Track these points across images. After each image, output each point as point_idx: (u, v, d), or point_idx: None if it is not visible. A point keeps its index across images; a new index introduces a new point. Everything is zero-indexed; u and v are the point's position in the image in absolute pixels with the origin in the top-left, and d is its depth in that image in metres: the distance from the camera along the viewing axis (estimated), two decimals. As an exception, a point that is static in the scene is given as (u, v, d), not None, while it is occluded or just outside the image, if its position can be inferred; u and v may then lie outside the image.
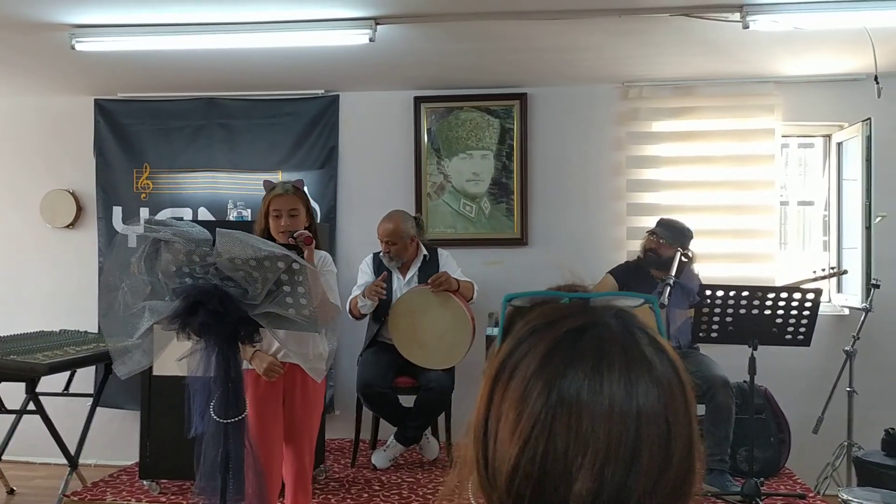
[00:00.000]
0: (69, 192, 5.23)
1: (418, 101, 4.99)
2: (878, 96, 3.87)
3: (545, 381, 0.71)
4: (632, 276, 4.37)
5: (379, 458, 4.34)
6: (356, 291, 4.34)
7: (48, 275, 5.27)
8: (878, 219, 4.39)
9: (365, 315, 4.33)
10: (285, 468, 3.10)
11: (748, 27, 3.49)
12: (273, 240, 2.98)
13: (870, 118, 4.35)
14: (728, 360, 4.13)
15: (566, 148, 4.95)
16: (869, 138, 4.35)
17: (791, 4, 3.43)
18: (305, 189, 3.23)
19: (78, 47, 3.84)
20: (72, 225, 5.25)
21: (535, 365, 0.72)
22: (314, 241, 2.97)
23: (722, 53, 4.21)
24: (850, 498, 3.40)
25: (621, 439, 0.68)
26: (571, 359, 0.71)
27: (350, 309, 4.31)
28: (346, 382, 4.87)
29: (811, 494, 3.99)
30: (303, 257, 2.68)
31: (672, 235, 4.22)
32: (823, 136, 4.95)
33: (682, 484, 0.71)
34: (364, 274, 4.42)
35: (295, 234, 2.93)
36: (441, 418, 4.43)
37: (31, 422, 4.15)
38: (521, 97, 4.94)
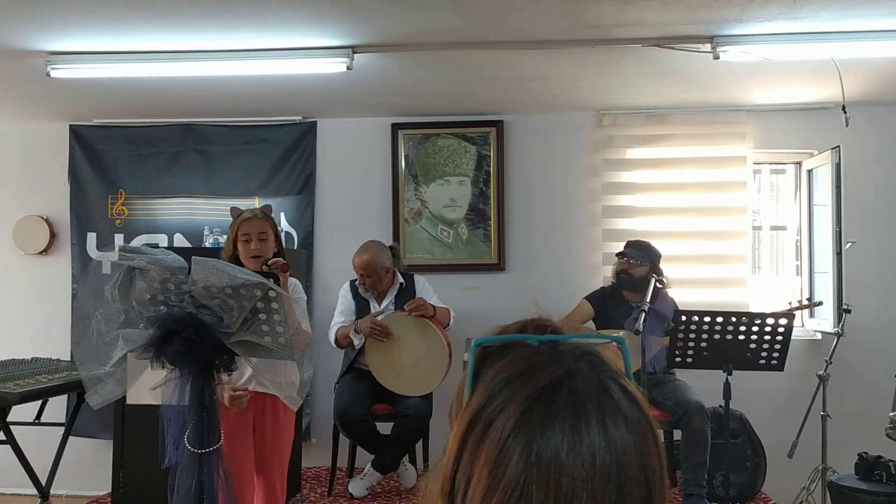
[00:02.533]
0: (43, 218, 5.18)
1: (396, 127, 5.02)
2: (846, 125, 3.96)
3: (523, 444, 0.68)
4: (608, 301, 4.41)
5: (356, 487, 4.30)
6: (339, 317, 4.33)
7: (20, 302, 5.20)
8: (849, 245, 4.47)
9: (357, 346, 4.28)
10: (257, 498, 3.07)
11: (719, 58, 3.56)
12: (241, 265, 2.97)
13: (839, 146, 4.44)
14: (703, 385, 4.16)
15: (542, 174, 4.99)
16: (838, 166, 4.43)
17: (760, 36, 3.51)
18: (273, 215, 3.22)
19: (53, 74, 3.82)
20: (45, 251, 5.19)
21: (510, 424, 0.70)
22: (287, 268, 2.96)
23: (694, 83, 4.29)
24: (824, 522, 3.42)
25: (604, 500, 0.67)
26: (549, 418, 0.69)
27: (338, 339, 4.29)
28: (322, 409, 4.83)
29: (787, 519, 4.01)
30: (278, 285, 2.67)
31: (641, 254, 4.28)
32: (794, 163, 5.05)
33: None
34: (345, 299, 4.40)
35: (269, 262, 2.92)
36: (419, 445, 4.41)
37: (2, 452, 4.07)
38: (498, 124, 4.98)
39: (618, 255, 4.39)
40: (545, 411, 0.70)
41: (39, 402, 4.36)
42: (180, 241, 5.04)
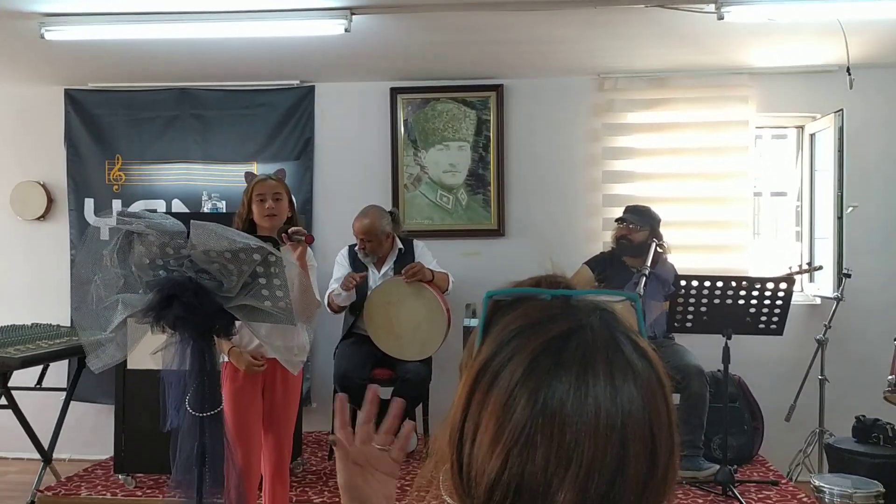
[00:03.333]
0: (40, 183, 5.15)
1: (395, 92, 4.97)
2: (850, 87, 3.92)
3: (529, 392, 0.69)
4: (608, 266, 4.40)
5: (356, 450, 4.32)
6: (333, 284, 4.32)
7: (19, 268, 5.19)
8: (850, 209, 4.45)
9: (343, 307, 4.31)
10: (264, 460, 3.11)
11: (723, 18, 3.51)
12: (255, 226, 3.00)
13: (842, 109, 4.40)
14: (702, 350, 4.17)
15: (543, 139, 4.95)
16: (841, 129, 4.40)
17: (765, -5, 3.46)
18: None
19: (47, 36, 3.77)
20: (43, 217, 5.17)
21: (519, 373, 0.71)
22: (311, 240, 3.00)
23: (696, 45, 4.24)
24: (821, 484, 3.46)
25: (606, 452, 0.67)
26: (556, 368, 0.70)
27: (328, 302, 4.29)
28: (322, 375, 4.85)
29: (784, 481, 4.05)
30: (279, 250, 2.66)
31: (641, 219, 4.27)
32: (796, 127, 5.00)
33: (665, 488, 0.71)
34: (340, 266, 4.39)
35: (291, 231, 2.95)
36: (418, 410, 4.43)
37: (4, 416, 4.09)
38: (498, 88, 4.93)
39: (617, 220, 4.37)
40: (553, 362, 0.70)
41: (40, 368, 4.39)
42: (178, 206, 5.01)
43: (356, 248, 4.34)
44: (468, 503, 0.73)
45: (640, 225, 4.25)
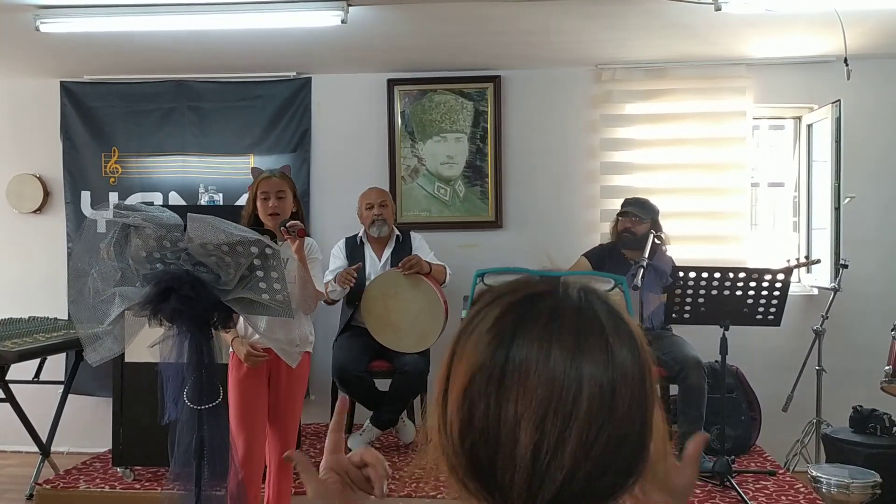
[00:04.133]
0: (36, 176, 5.14)
1: (392, 83, 4.96)
2: (848, 78, 3.92)
3: (494, 337, 0.73)
4: (606, 258, 4.40)
5: (355, 443, 4.33)
6: (329, 276, 4.31)
7: (16, 261, 5.18)
8: (847, 200, 4.45)
9: (336, 301, 4.32)
10: (269, 451, 3.12)
11: (720, 9, 3.51)
12: (261, 223, 3.02)
13: (839, 100, 4.39)
14: (700, 341, 4.17)
15: (540, 130, 4.95)
16: (839, 120, 4.40)
17: (762, -14, 3.45)
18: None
19: (43, 28, 3.75)
20: (39, 210, 5.15)
21: (490, 321, 0.75)
22: (307, 234, 3.01)
23: (694, 36, 4.23)
24: (819, 475, 3.47)
25: (563, 392, 0.70)
26: (524, 318, 0.73)
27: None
28: (321, 367, 4.84)
29: (781, 471, 4.06)
30: (276, 243, 2.66)
31: (644, 211, 4.27)
32: (794, 117, 5.00)
33: (628, 454, 0.72)
34: (336, 258, 4.40)
35: (288, 225, 2.96)
36: (417, 401, 4.44)
37: (2, 410, 4.09)
38: (495, 80, 4.92)
39: (620, 214, 4.35)
40: (523, 313, 0.74)
41: (38, 361, 4.38)
42: (175, 199, 5.00)
43: (360, 233, 4.37)
44: (452, 459, 0.76)
45: (643, 217, 4.25)
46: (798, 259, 4.52)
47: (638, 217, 4.24)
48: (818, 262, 4.52)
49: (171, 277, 2.53)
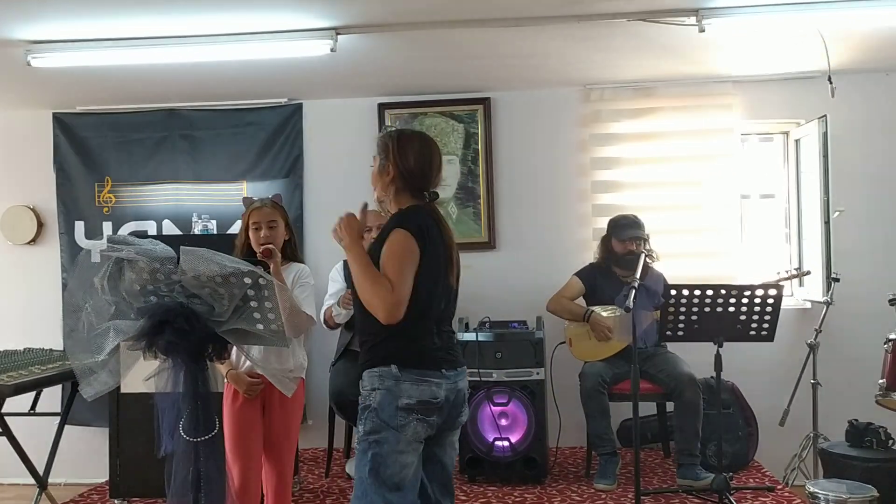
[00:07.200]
0: (29, 207, 5.15)
1: (382, 107, 4.99)
2: (832, 96, 3.97)
3: (419, 142, 2.39)
4: (598, 277, 4.43)
5: (352, 468, 4.32)
6: (329, 301, 4.32)
7: (10, 293, 5.18)
8: (836, 213, 4.49)
9: (340, 325, 4.31)
10: (265, 480, 3.11)
11: (704, 31, 3.54)
12: (254, 253, 3.03)
13: (825, 115, 4.43)
14: (694, 357, 4.19)
15: (531, 151, 4.98)
16: (825, 135, 4.44)
17: (744, 7, 3.49)
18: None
19: (34, 63, 3.78)
20: (33, 241, 5.16)
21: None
22: (272, 254, 3.05)
23: (680, 55, 4.27)
24: (816, 490, 3.47)
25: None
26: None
27: (325, 319, 4.29)
28: (318, 392, 4.84)
29: (779, 486, 4.06)
30: (268, 272, 2.67)
31: (643, 230, 4.30)
32: (782, 132, 5.04)
33: None
34: (335, 282, 4.40)
35: (262, 249, 2.98)
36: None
37: (-2, 443, 4.07)
38: (485, 101, 4.96)
39: (620, 237, 4.33)
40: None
41: (34, 393, 4.36)
42: (169, 227, 5.02)
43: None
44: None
45: (643, 235, 4.30)
46: (788, 271, 4.55)
47: (644, 240, 4.29)
48: (808, 273, 4.55)
49: (165, 310, 2.54)
